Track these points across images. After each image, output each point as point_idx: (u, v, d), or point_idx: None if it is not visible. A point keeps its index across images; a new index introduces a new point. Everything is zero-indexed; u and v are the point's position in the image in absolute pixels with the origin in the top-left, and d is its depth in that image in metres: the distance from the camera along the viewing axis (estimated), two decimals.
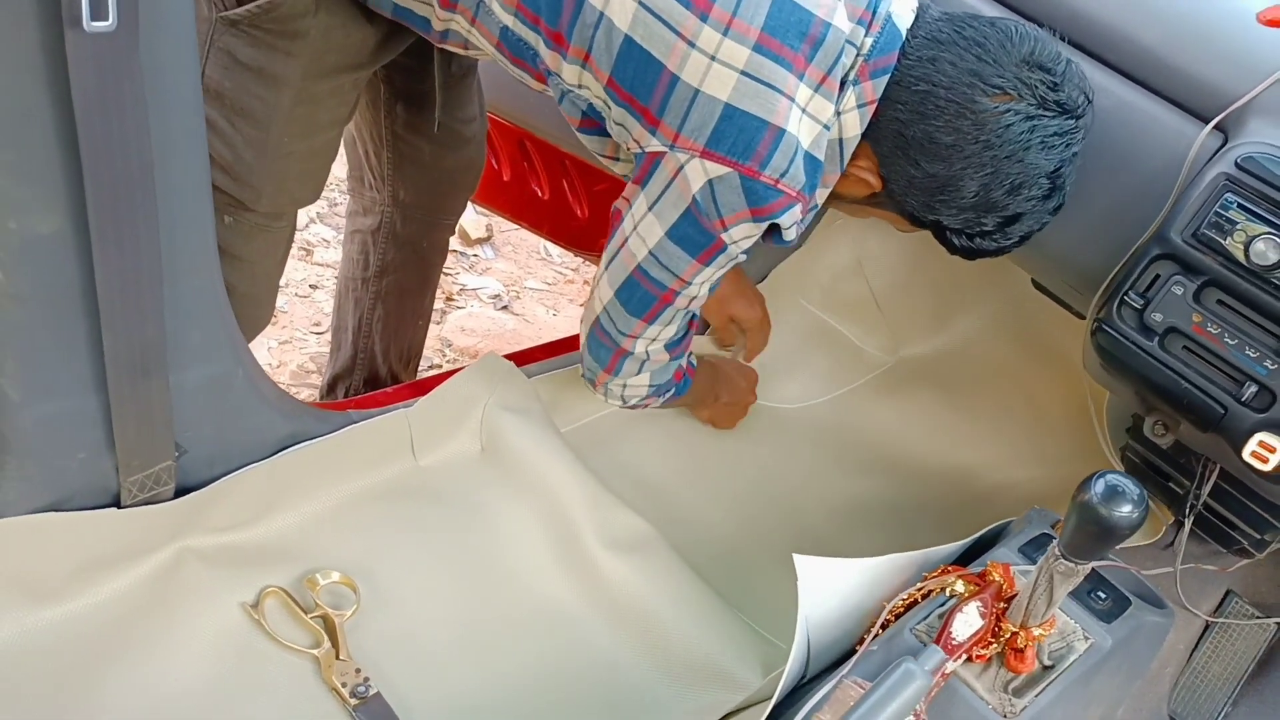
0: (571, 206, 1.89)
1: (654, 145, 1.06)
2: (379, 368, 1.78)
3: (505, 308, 2.48)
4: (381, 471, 1.27)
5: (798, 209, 1.07)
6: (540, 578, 1.24)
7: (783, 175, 1.03)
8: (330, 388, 1.82)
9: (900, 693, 0.79)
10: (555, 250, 2.75)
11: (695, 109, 1.01)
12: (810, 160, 1.05)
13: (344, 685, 1.05)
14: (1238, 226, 0.99)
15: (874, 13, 1.04)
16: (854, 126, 1.06)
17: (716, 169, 1.02)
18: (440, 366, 2.19)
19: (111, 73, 0.78)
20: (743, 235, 1.09)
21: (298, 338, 2.17)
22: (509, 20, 1.09)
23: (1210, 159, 1.05)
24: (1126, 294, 1.08)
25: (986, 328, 1.73)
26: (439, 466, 1.32)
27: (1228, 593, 1.43)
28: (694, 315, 1.27)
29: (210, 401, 1.05)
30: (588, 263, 2.69)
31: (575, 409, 1.51)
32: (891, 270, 1.78)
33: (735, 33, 0.99)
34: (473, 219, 2.68)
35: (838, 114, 1.05)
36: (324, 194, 1.41)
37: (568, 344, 1.58)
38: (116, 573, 1.05)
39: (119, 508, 1.03)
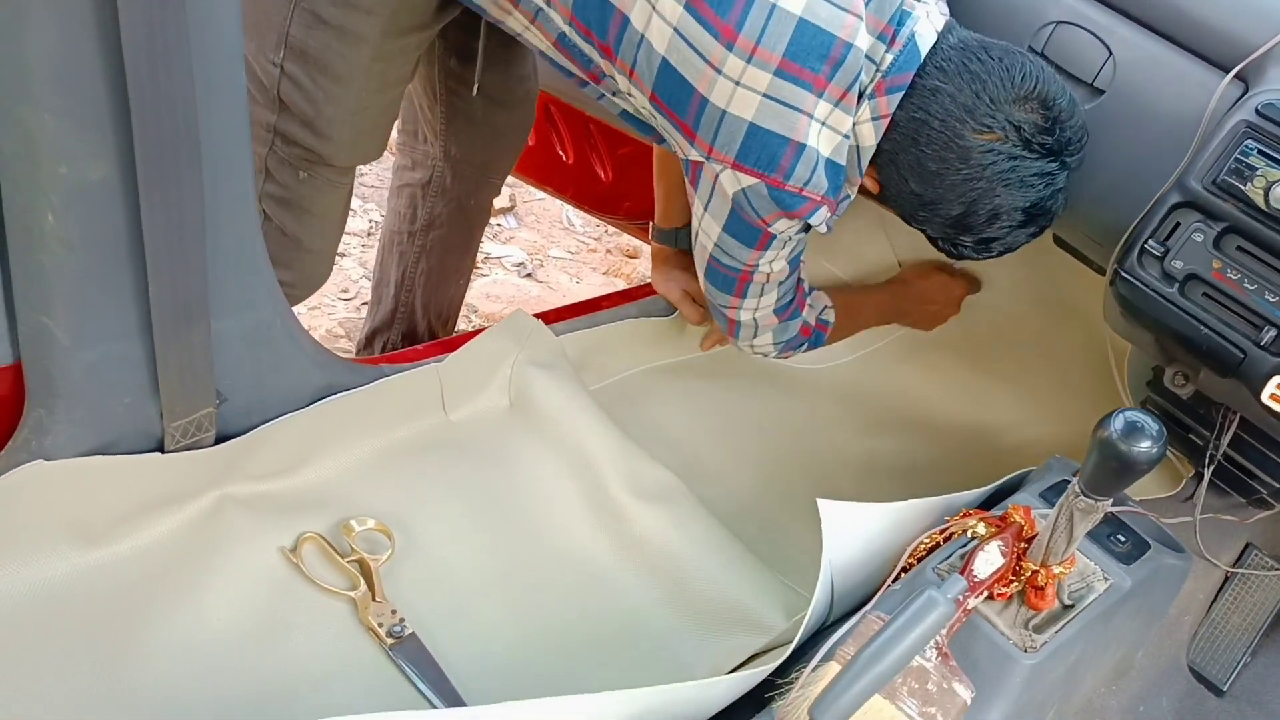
0: (595, 170, 1.91)
1: (694, 155, 1.15)
2: (418, 323, 1.82)
3: (529, 275, 2.51)
4: (413, 424, 1.30)
5: (824, 210, 1.15)
6: (568, 527, 1.26)
7: (806, 184, 1.11)
8: (368, 341, 1.86)
9: (923, 619, 0.81)
10: (578, 220, 2.77)
11: (724, 127, 1.09)
12: (832, 166, 1.12)
13: (380, 625, 1.08)
14: (1258, 172, 1.00)
15: (897, 28, 1.09)
16: (870, 137, 1.13)
17: (747, 179, 1.11)
18: (465, 331, 2.21)
19: (159, 24, 0.80)
20: (786, 227, 1.17)
21: (326, 303, 2.21)
22: (566, 29, 1.18)
23: (1231, 108, 1.06)
24: (1147, 242, 1.09)
25: (1007, 286, 1.74)
26: (469, 421, 1.35)
27: (1247, 545, 1.44)
28: (794, 284, 1.34)
29: (250, 350, 1.08)
30: (610, 232, 2.71)
31: (602, 367, 1.54)
32: (912, 232, 1.79)
33: (758, 60, 1.06)
34: None
35: (854, 125, 1.12)
36: None
37: (593, 304, 1.60)
38: (160, 517, 1.09)
39: (163, 453, 1.06)
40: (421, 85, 1.60)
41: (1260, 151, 1.00)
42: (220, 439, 1.11)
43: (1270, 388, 1.01)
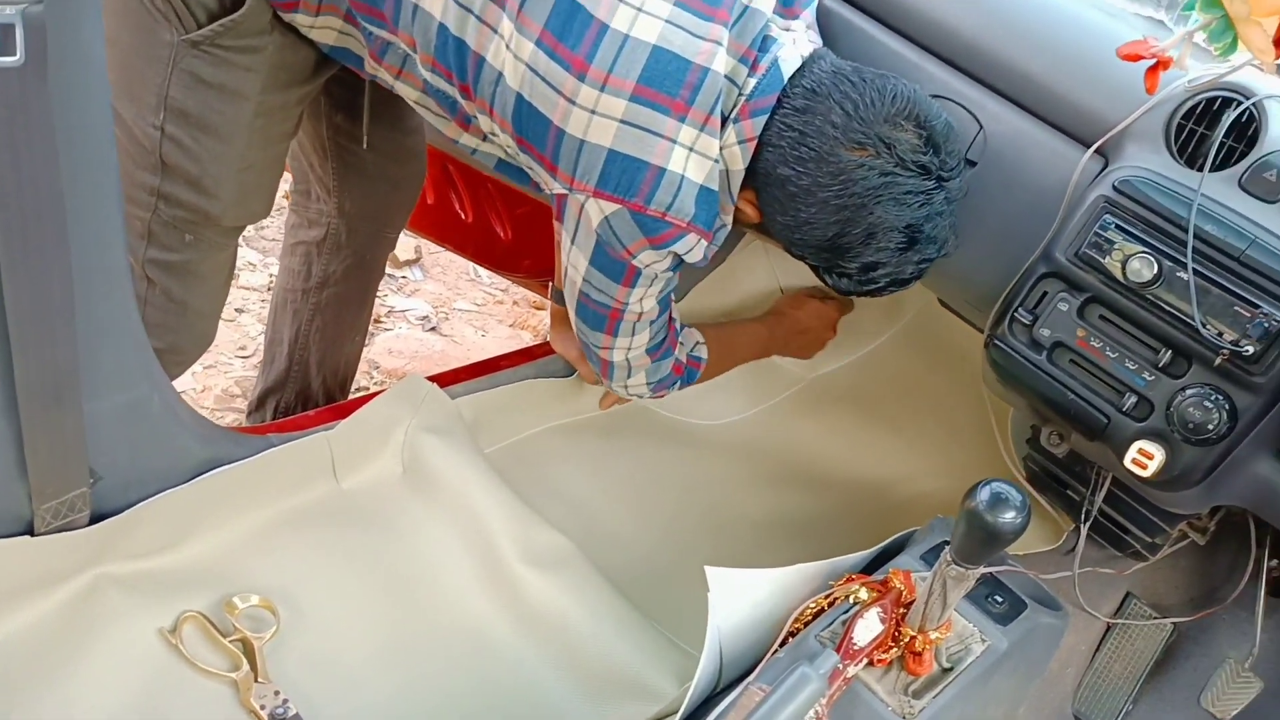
0: (494, 229, 1.91)
1: (557, 188, 1.15)
2: (312, 382, 1.79)
3: (434, 329, 2.49)
4: (302, 494, 1.28)
5: (691, 238, 1.14)
6: (461, 596, 1.25)
7: (669, 209, 1.11)
8: (260, 402, 1.82)
9: (795, 696, 0.82)
10: (484, 271, 2.77)
11: (583, 156, 1.10)
12: (705, 193, 1.12)
13: (262, 708, 1.06)
14: (1115, 246, 1.05)
15: (759, 53, 1.10)
16: (737, 161, 1.13)
17: (609, 206, 1.11)
18: (367, 389, 2.19)
19: (19, 106, 0.79)
20: (651, 260, 1.16)
21: (222, 361, 2.16)
22: (429, 75, 1.19)
23: (1092, 182, 1.11)
24: (1017, 311, 1.13)
25: (899, 343, 1.79)
26: (361, 488, 1.33)
27: (1127, 595, 1.49)
28: (665, 323, 1.34)
29: (125, 427, 1.06)
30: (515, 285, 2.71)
31: (499, 429, 1.53)
32: (799, 267, 1.83)
33: (612, 87, 1.07)
34: (401, 241, 2.69)
35: (721, 149, 1.12)
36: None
37: (493, 364, 1.60)
38: (31, 602, 1.05)
39: (32, 535, 1.03)
40: (311, 143, 1.60)
41: (1117, 226, 1.05)
42: (96, 518, 1.08)
43: (1132, 452, 1.06)
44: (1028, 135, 1.18)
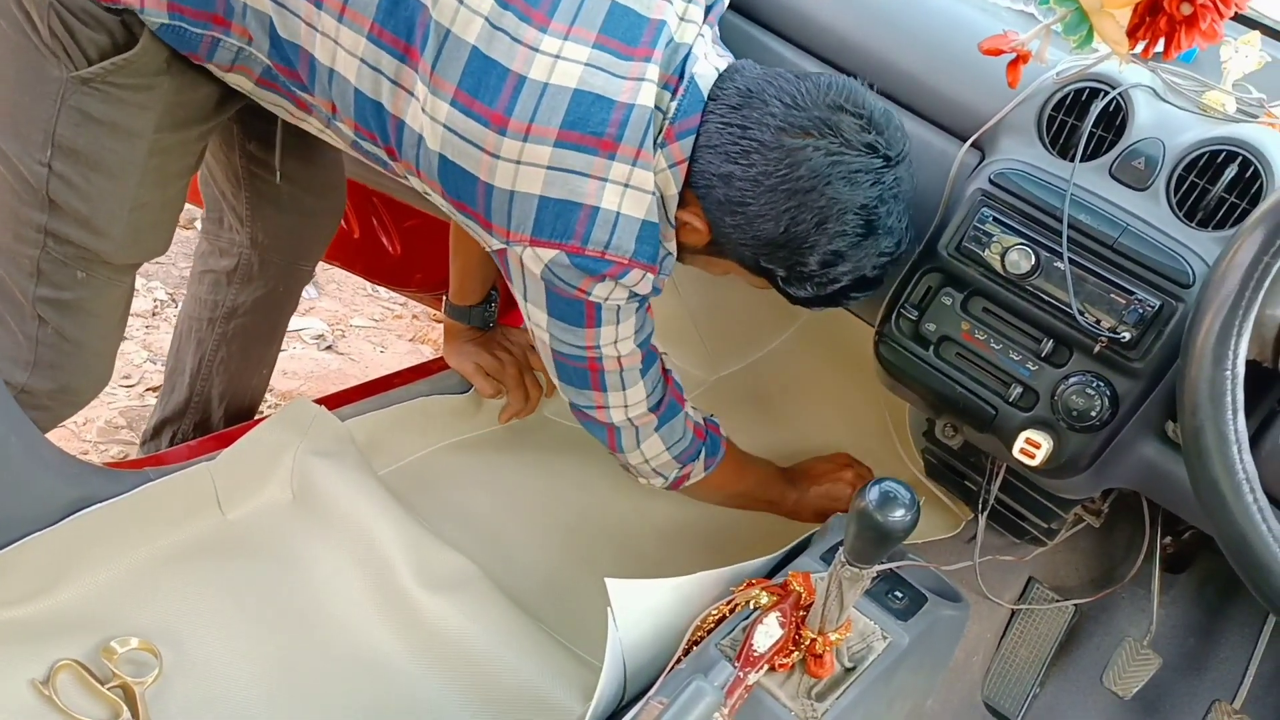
0: (383, 243, 1.87)
1: (495, 244, 1.12)
2: (213, 413, 1.73)
3: (329, 348, 2.43)
4: (184, 529, 1.23)
5: (636, 273, 1.10)
6: (357, 625, 1.21)
7: (607, 247, 1.08)
8: (156, 432, 1.75)
9: (691, 710, 0.80)
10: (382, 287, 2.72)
11: (515, 207, 1.07)
12: (647, 227, 1.09)
13: None
14: (994, 239, 1.06)
15: (680, 76, 1.08)
16: (670, 186, 1.10)
17: (546, 253, 1.08)
18: (262, 413, 2.12)
19: None
20: (606, 292, 1.12)
21: (106, 392, 2.07)
22: (354, 137, 1.16)
23: (970, 175, 1.12)
24: (903, 306, 1.14)
25: (797, 342, 1.79)
26: (248, 519, 1.29)
27: (1029, 580, 1.51)
28: (658, 373, 1.29)
29: None
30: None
31: (394, 450, 1.49)
32: (705, 290, 1.83)
33: (535, 136, 1.04)
34: None
35: (654, 177, 1.09)
36: None
37: (386, 382, 1.56)
38: None
39: None
40: (224, 172, 1.55)
41: (995, 219, 1.06)
42: None
43: (1020, 442, 1.06)
44: (907, 131, 1.19)
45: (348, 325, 2.54)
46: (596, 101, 1.05)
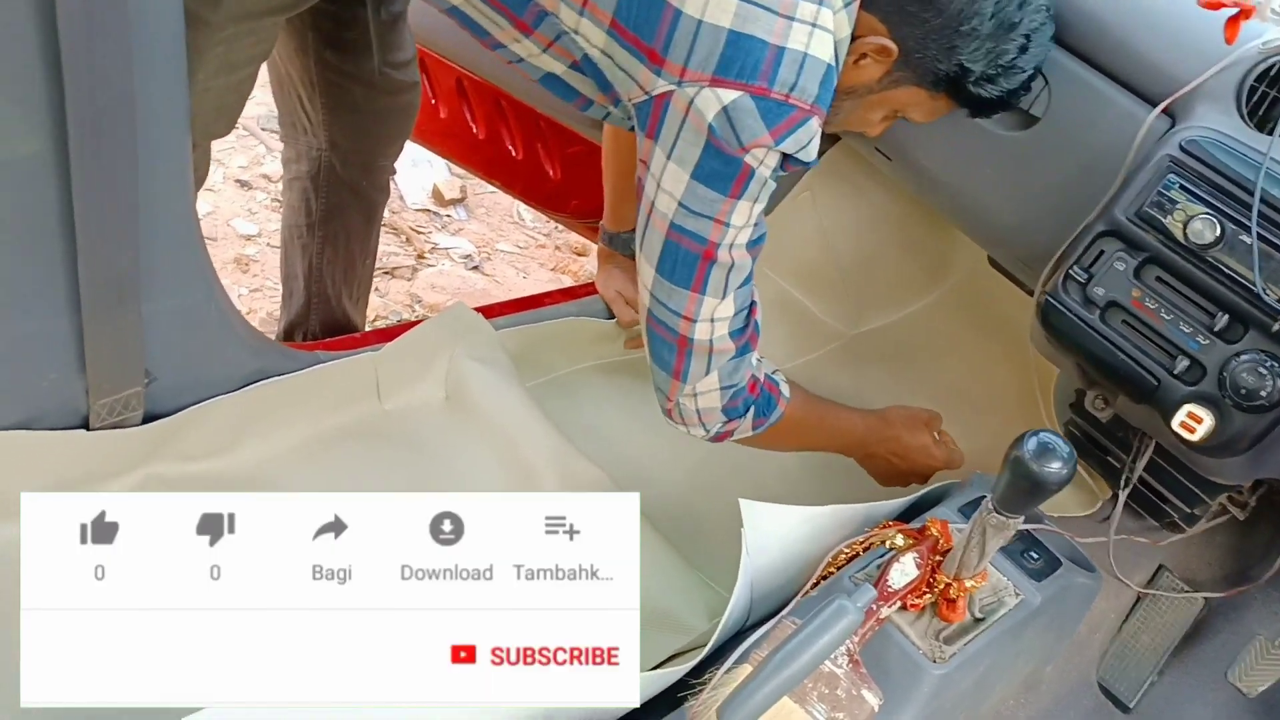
0: (544, 167, 1.91)
1: (661, 86, 1.06)
2: (334, 310, 1.81)
3: (476, 268, 2.50)
4: (346, 412, 1.30)
5: (813, 123, 1.07)
6: None
7: (792, 89, 1.04)
8: (287, 335, 1.84)
9: (832, 626, 0.83)
10: (528, 214, 2.77)
11: (700, 40, 1.03)
12: (829, 71, 1.06)
13: None
14: (1178, 206, 1.03)
15: None
16: (844, 28, 1.08)
17: (728, 94, 1.03)
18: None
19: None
20: (763, 158, 1.07)
21: (268, 286, 2.19)
22: None
23: (1157, 141, 1.09)
24: (1072, 269, 1.12)
25: (945, 304, 1.77)
26: (403, 411, 1.35)
27: (1160, 567, 1.48)
28: (751, 297, 1.22)
29: (181, 331, 1.07)
30: (559, 229, 2.72)
31: (541, 363, 1.55)
32: (855, 243, 1.82)
33: None
34: (446, 179, 2.70)
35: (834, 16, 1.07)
36: None
37: (535, 300, 1.61)
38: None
39: (87, 430, 1.05)
40: (299, 76, 1.59)
41: (1181, 186, 1.04)
42: (148, 418, 1.10)
43: (1180, 415, 1.05)
44: (1094, 91, 1.17)
45: (493, 249, 2.61)
46: None
